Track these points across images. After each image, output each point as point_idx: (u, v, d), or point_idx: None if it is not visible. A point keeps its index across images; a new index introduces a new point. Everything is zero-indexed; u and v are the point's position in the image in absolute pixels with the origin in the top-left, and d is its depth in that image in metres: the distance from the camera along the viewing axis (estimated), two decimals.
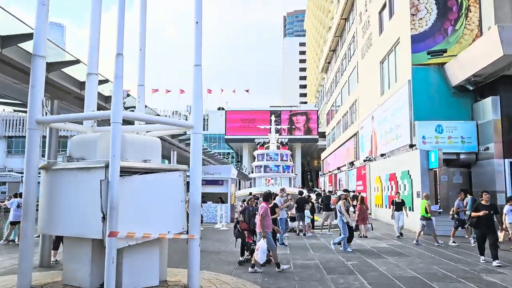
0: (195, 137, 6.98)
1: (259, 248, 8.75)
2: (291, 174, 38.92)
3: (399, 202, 16.28)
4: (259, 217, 9.17)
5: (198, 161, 6.99)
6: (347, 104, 41.01)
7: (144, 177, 6.49)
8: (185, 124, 7.01)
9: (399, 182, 20.47)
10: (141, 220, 6.36)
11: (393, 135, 22.09)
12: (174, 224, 6.82)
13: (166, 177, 6.80)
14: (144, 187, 6.46)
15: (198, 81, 7.13)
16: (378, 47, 26.33)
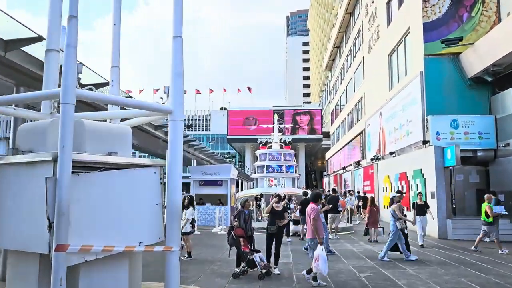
0: (174, 125, 5.62)
1: (319, 258, 7.37)
2: (294, 174, 37.43)
3: (421, 205, 13.88)
4: (310, 221, 7.84)
5: (178, 154, 5.63)
6: (353, 101, 39.59)
7: (107, 174, 5.13)
8: (162, 108, 5.63)
9: (410, 181, 19.04)
10: (102, 228, 5.00)
11: (404, 131, 20.67)
12: (148, 233, 5.45)
13: (138, 175, 5.44)
14: (108, 187, 5.10)
15: (178, 55, 5.78)
16: (386, 39, 24.92)
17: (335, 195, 16.29)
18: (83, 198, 4.89)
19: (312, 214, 7.87)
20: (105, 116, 6.36)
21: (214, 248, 12.93)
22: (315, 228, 7.78)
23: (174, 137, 5.64)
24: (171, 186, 5.52)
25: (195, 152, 22.85)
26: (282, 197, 10.36)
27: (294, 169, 38.13)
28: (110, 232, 5.05)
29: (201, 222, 21.10)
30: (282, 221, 9.26)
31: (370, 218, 14.96)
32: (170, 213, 5.54)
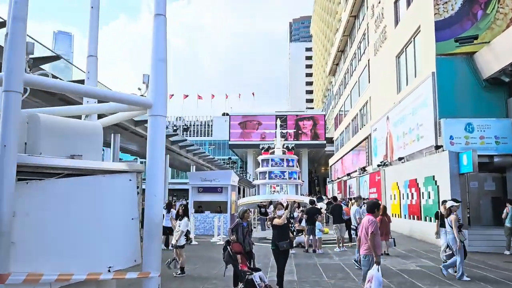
0: (155, 122, 4.61)
1: (373, 279, 6.21)
2: (297, 180, 36.39)
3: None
4: (369, 236, 6.54)
5: (159, 157, 4.62)
6: (357, 106, 38.56)
7: (67, 182, 4.09)
8: (139, 101, 4.60)
9: (421, 189, 17.92)
10: (59, 251, 3.96)
11: (414, 136, 19.58)
12: (120, 255, 4.40)
13: (108, 183, 4.39)
14: (67, 198, 4.07)
15: (161, 37, 4.76)
16: (394, 40, 23.91)
17: (338, 203, 15.13)
18: (33, 212, 3.84)
19: (370, 227, 6.60)
20: (71, 112, 5.31)
21: (211, 262, 11.84)
22: (372, 244, 6.54)
23: (154, 136, 4.61)
24: (150, 197, 4.48)
25: (194, 158, 21.82)
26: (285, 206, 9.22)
27: (297, 175, 37.07)
28: (68, 256, 3.99)
29: (199, 231, 20.06)
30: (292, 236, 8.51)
31: (381, 228, 13.82)
32: (148, 230, 4.49)
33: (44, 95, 10.64)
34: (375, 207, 7.06)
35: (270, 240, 16.87)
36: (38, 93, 10.12)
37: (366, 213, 7.11)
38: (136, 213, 4.56)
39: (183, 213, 9.79)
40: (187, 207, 10.13)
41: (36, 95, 10.30)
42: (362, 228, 6.86)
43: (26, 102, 4.33)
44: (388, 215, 14.38)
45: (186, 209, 9.97)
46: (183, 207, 10.00)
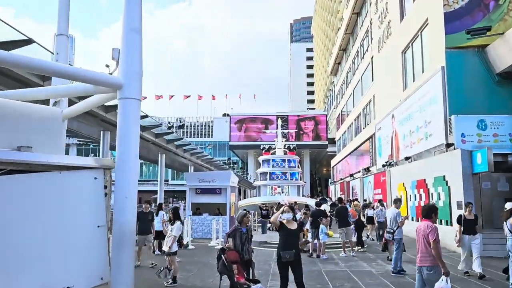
0: (126, 106, 3.74)
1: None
2: (299, 181, 35.52)
3: (471, 220, 10.39)
4: (431, 244, 5.64)
5: (131, 150, 3.73)
6: (360, 105, 37.65)
7: (8, 180, 3.20)
8: (107, 80, 3.71)
9: (430, 190, 17.01)
10: (1, 266, 3.07)
11: (421, 134, 18.67)
12: (82, 271, 3.51)
13: (65, 181, 3.51)
14: (9, 200, 3.17)
15: (134, 4, 3.86)
16: (399, 35, 23.02)
17: (343, 205, 14.19)
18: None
19: (431, 235, 5.61)
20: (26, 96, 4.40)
21: (207, 267, 10.95)
22: (437, 253, 5.61)
23: (124, 124, 3.74)
24: (120, 199, 3.61)
25: (191, 158, 20.93)
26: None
27: (299, 176, 36.21)
28: (12, 274, 3.12)
29: (197, 234, 19.19)
30: (301, 243, 7.04)
31: None
32: (118, 240, 3.62)
33: None
34: (432, 211, 6.12)
35: (271, 244, 16.05)
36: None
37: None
38: (104, 219, 3.69)
39: (173, 217, 8.89)
40: (177, 210, 9.22)
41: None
42: (419, 236, 5.91)
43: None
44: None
45: (176, 213, 9.06)
46: (172, 211, 9.10)
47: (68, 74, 3.79)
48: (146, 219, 11.66)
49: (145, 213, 11.75)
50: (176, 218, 8.83)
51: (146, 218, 11.69)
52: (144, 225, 11.30)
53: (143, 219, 11.27)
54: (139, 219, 10.05)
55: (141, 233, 11.00)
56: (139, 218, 10.30)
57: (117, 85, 3.72)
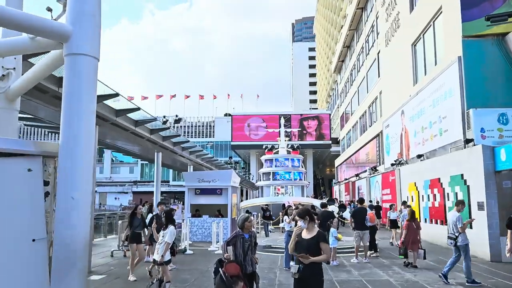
0: (75, 64, 2.59)
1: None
2: (303, 182, 34.34)
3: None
4: None
5: (82, 131, 2.59)
6: (366, 103, 36.52)
7: None
8: (51, 28, 2.57)
9: (446, 190, 15.83)
10: None
11: (435, 130, 17.52)
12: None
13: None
14: None
15: None
16: (409, 27, 21.87)
17: (362, 206, 12.99)
18: None
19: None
20: None
21: (205, 277, 9.82)
22: None
23: (73, 90, 2.60)
24: (64, 200, 2.49)
25: (190, 157, 19.80)
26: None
27: (303, 176, 35.04)
28: None
29: (197, 238, 18.07)
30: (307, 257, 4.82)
31: (408, 236, 11.69)
32: (60, 263, 2.49)
33: None
34: None
35: (275, 248, 14.89)
36: None
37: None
38: (42, 230, 2.55)
39: (166, 220, 7.74)
40: (170, 213, 8.04)
41: None
42: None
43: None
44: (417, 221, 12.26)
45: (169, 216, 7.89)
46: (165, 214, 7.93)
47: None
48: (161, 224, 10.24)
49: (160, 217, 9.97)
50: (169, 222, 7.68)
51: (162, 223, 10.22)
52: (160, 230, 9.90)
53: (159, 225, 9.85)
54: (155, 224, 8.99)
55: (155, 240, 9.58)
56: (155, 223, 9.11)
57: (63, 35, 2.60)
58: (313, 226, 5.13)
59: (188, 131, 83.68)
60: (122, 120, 11.52)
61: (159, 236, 7.76)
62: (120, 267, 11.42)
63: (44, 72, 3.45)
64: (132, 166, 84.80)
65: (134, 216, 10.41)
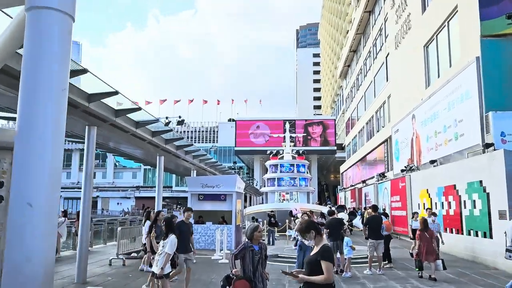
0: (39, 19, 1.88)
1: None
2: (309, 188, 33.53)
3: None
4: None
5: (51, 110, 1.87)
6: (373, 108, 35.78)
7: None
8: None
9: (462, 197, 15.03)
10: None
11: (450, 134, 16.75)
12: None
13: None
14: None
15: None
16: (421, 28, 21.18)
17: (376, 214, 12.18)
18: None
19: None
20: None
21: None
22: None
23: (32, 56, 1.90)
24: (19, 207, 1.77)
25: (193, 161, 19.10)
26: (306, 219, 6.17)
27: (308, 182, 34.24)
28: None
29: (199, 245, 17.31)
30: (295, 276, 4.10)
31: (422, 246, 10.89)
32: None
33: None
34: None
35: (283, 257, 14.10)
36: None
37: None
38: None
39: (166, 229, 6.99)
40: (171, 221, 7.28)
41: None
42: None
43: None
44: (431, 230, 11.41)
45: (170, 224, 7.13)
46: (165, 222, 7.15)
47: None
48: (187, 233, 8.83)
49: (186, 225, 8.91)
50: (170, 231, 6.92)
51: (187, 231, 8.82)
52: (185, 240, 8.59)
53: (184, 233, 8.59)
54: (181, 232, 8.04)
55: (181, 251, 8.37)
56: (180, 231, 8.12)
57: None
58: (320, 240, 4.29)
59: (191, 136, 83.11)
60: (122, 120, 10.83)
61: (159, 246, 7.02)
62: (117, 277, 10.70)
63: (9, 47, 2.74)
64: (135, 171, 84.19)
65: (156, 223, 9.35)
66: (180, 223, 8.65)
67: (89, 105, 9.10)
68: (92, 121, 10.02)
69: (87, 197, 10.16)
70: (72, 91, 8.49)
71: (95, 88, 9.08)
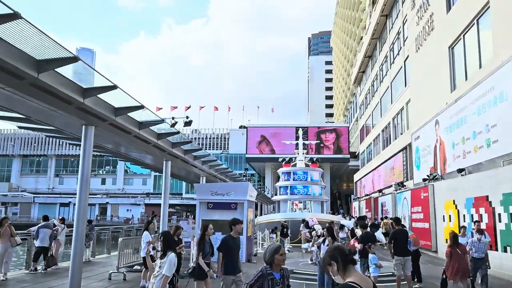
0: None
1: None
2: (323, 197, 32.20)
3: None
4: None
5: None
6: (390, 114, 34.44)
7: None
8: None
9: (496, 209, 13.66)
10: None
11: (481, 141, 15.41)
12: None
13: None
14: None
15: None
16: (446, 28, 19.91)
17: (400, 228, 10.88)
18: None
19: None
20: None
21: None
22: None
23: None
24: None
25: (203, 167, 18.02)
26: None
27: (322, 190, 32.95)
28: None
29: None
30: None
31: (452, 264, 9.50)
32: None
33: None
34: None
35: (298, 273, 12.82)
36: None
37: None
38: None
39: (164, 246, 5.80)
40: (170, 236, 6.11)
41: None
42: None
43: None
44: (463, 246, 9.99)
45: (169, 240, 5.91)
46: (162, 238, 5.93)
47: None
48: (236, 250, 7.29)
49: (234, 240, 7.32)
50: (168, 248, 5.73)
51: (236, 247, 7.29)
52: (234, 258, 7.17)
53: (233, 250, 7.15)
54: (228, 249, 6.93)
55: (228, 272, 7.04)
56: (227, 247, 6.98)
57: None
58: (351, 273, 2.94)
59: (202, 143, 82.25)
60: (123, 120, 9.78)
61: (155, 266, 5.86)
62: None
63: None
64: (145, 178, 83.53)
65: (204, 239, 7.73)
66: (227, 238, 7.18)
67: (84, 101, 8.05)
68: (89, 120, 8.98)
69: (82, 204, 9.10)
70: (63, 83, 7.47)
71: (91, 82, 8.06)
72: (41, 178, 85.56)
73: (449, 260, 9.50)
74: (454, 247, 9.57)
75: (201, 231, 7.95)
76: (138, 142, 11.53)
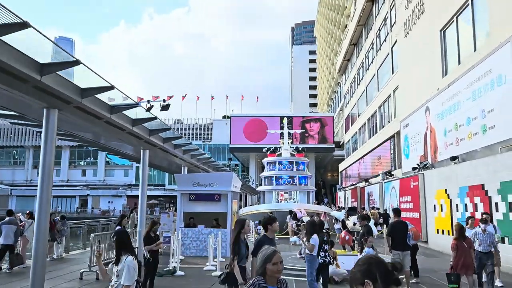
0: None
1: None
2: (309, 187, 31.47)
3: None
4: None
5: None
6: (376, 102, 33.82)
7: None
8: None
9: (493, 198, 13.02)
10: None
11: (475, 127, 14.74)
12: None
13: None
14: None
15: None
16: (437, 11, 19.16)
17: (399, 220, 10.08)
18: None
19: None
20: None
21: None
22: None
23: None
24: None
25: (184, 156, 16.98)
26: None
27: (308, 181, 32.18)
28: None
29: (190, 252, 15.29)
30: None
31: (458, 258, 8.83)
32: None
33: None
34: None
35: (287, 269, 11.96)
36: None
37: None
38: None
39: (118, 248, 4.70)
40: (125, 236, 5.06)
41: None
42: None
43: None
44: (469, 239, 9.28)
45: (124, 240, 4.79)
46: (116, 237, 4.75)
47: None
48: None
49: (270, 241, 5.88)
50: (123, 251, 4.66)
51: None
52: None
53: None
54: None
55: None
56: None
57: None
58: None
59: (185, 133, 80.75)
60: (91, 103, 8.65)
61: (111, 274, 4.84)
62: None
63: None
64: (127, 169, 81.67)
65: (239, 239, 6.24)
66: (263, 240, 5.86)
67: (41, 79, 6.92)
68: (50, 102, 7.86)
69: (45, 196, 8.02)
70: (15, 56, 6.35)
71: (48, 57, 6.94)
72: (18, 170, 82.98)
73: (457, 254, 8.78)
74: (460, 240, 8.84)
75: (236, 229, 6.33)
76: (110, 128, 10.42)
